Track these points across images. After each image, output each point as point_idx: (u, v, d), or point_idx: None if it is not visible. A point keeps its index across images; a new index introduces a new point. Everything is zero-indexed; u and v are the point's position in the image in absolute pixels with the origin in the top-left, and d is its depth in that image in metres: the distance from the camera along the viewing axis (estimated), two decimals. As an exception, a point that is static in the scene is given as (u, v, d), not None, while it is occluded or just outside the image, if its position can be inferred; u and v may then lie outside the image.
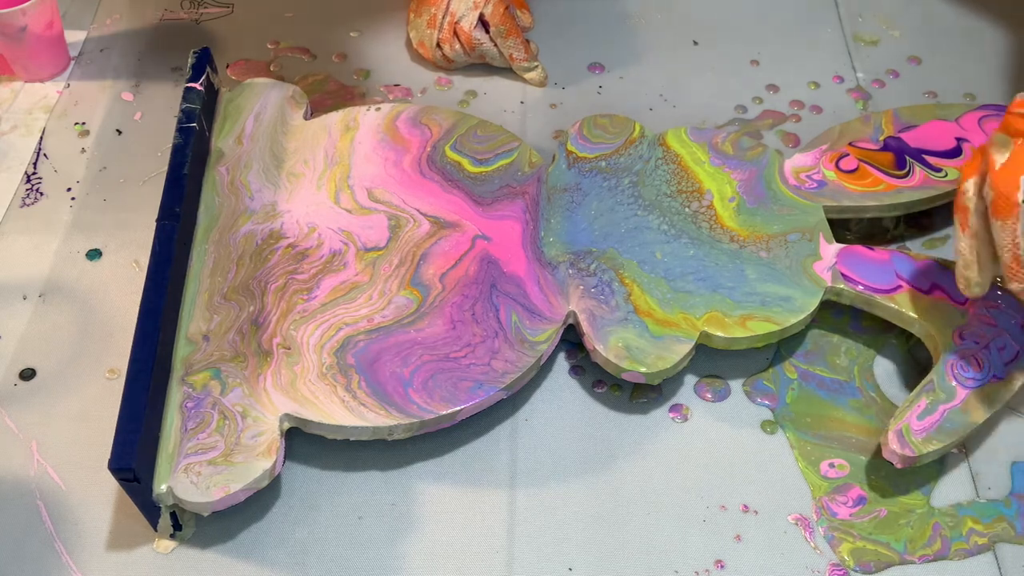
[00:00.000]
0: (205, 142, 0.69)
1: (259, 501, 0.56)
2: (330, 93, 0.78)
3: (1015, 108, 0.52)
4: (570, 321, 0.61)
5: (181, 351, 0.58)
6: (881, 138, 0.69)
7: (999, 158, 0.51)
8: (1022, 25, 0.85)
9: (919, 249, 0.68)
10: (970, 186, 0.53)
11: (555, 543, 0.55)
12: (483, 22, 0.77)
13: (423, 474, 0.58)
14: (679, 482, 0.58)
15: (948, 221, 0.70)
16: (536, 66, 0.79)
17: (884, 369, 0.63)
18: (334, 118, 0.72)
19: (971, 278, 0.54)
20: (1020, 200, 0.50)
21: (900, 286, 0.61)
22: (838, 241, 0.66)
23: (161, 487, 0.52)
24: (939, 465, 0.58)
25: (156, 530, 0.54)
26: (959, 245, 0.54)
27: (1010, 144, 0.51)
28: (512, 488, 0.57)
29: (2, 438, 0.59)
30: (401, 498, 0.57)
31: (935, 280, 0.62)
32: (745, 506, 0.57)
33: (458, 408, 0.56)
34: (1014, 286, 0.52)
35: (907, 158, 0.68)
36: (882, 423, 0.60)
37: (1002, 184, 0.50)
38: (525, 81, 0.80)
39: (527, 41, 0.79)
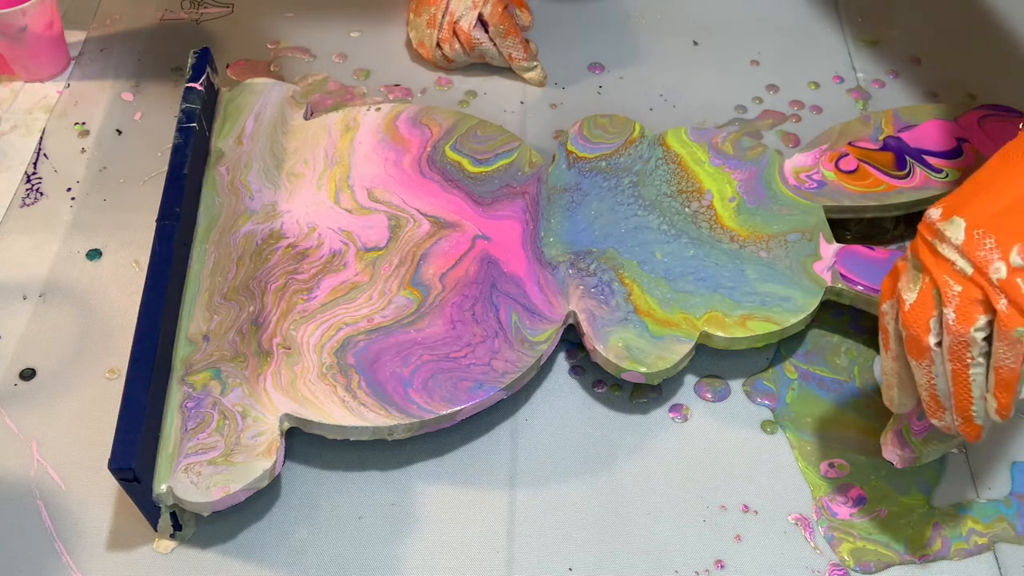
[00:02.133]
0: (205, 142, 0.69)
1: (259, 501, 0.56)
2: (330, 93, 0.78)
3: (922, 230, 0.48)
4: (570, 321, 0.61)
5: (181, 351, 0.58)
6: (881, 138, 0.69)
7: (908, 296, 0.48)
8: (1022, 25, 0.85)
9: (919, 249, 0.68)
10: (888, 308, 0.50)
11: (555, 543, 0.55)
12: (482, 22, 0.77)
13: (423, 474, 0.58)
14: (679, 482, 0.58)
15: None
16: (535, 66, 0.79)
17: (884, 369, 0.63)
18: (334, 118, 0.72)
19: (894, 398, 0.51)
20: (932, 344, 0.47)
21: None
22: (838, 241, 0.66)
23: (161, 487, 0.52)
24: (939, 465, 0.58)
25: (156, 530, 0.54)
26: (883, 365, 0.51)
27: (919, 280, 0.48)
28: (512, 488, 0.57)
29: (2, 438, 0.59)
30: (401, 498, 0.57)
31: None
32: (745, 506, 0.57)
33: (458, 408, 0.56)
34: (935, 422, 0.49)
35: (907, 158, 0.68)
36: (882, 423, 0.59)
37: (912, 326, 0.47)
38: (525, 81, 0.80)
39: (526, 41, 0.79)
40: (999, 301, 0.45)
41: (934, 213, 0.48)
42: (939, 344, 0.47)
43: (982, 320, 0.45)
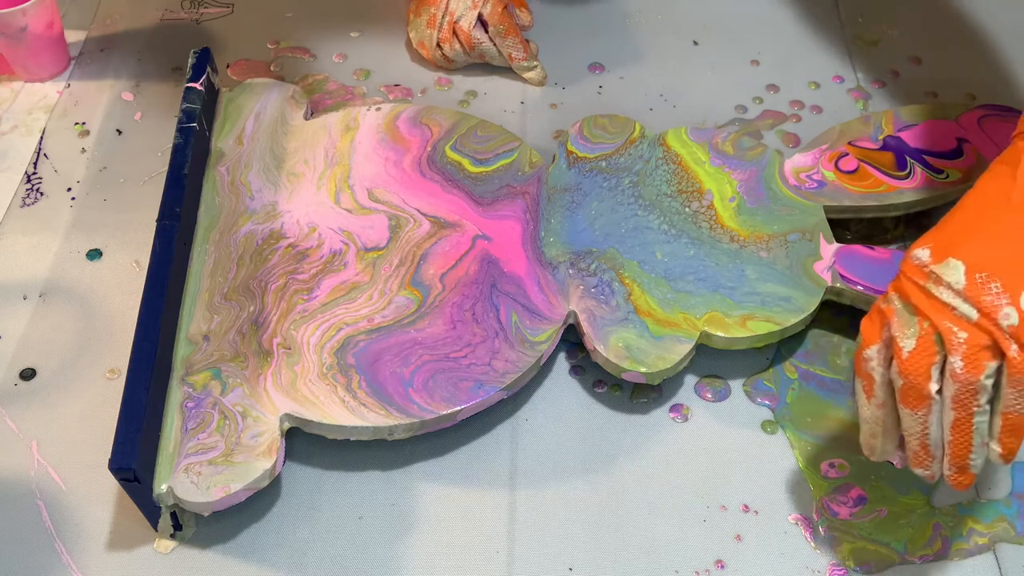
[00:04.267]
0: (205, 142, 0.69)
1: (259, 501, 0.56)
2: (330, 93, 0.78)
3: (910, 273, 0.47)
4: (570, 321, 0.61)
5: (181, 351, 0.58)
6: (881, 137, 0.69)
7: (906, 343, 0.46)
8: (1022, 25, 0.85)
9: (919, 249, 0.68)
10: (873, 354, 0.48)
11: (555, 543, 0.55)
12: (482, 21, 0.77)
13: (423, 474, 0.58)
14: (679, 482, 0.58)
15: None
16: (535, 65, 0.79)
17: (884, 369, 0.63)
18: (334, 118, 0.72)
19: (877, 447, 0.50)
20: (933, 392, 0.46)
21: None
22: (838, 241, 0.66)
23: (161, 487, 0.52)
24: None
25: (156, 530, 0.54)
26: (863, 413, 0.50)
27: (914, 325, 0.46)
28: (512, 488, 0.57)
29: (2, 438, 0.59)
30: (401, 498, 0.57)
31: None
32: (745, 506, 0.57)
33: (458, 408, 0.56)
34: (918, 471, 0.49)
35: (907, 159, 0.68)
36: (882, 423, 0.60)
37: (913, 375, 0.46)
38: (525, 81, 0.80)
39: (526, 40, 0.79)
40: (1011, 347, 0.44)
41: (922, 255, 0.47)
42: (938, 392, 0.46)
43: (992, 367, 0.44)
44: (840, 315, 0.64)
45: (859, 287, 0.61)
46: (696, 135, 0.70)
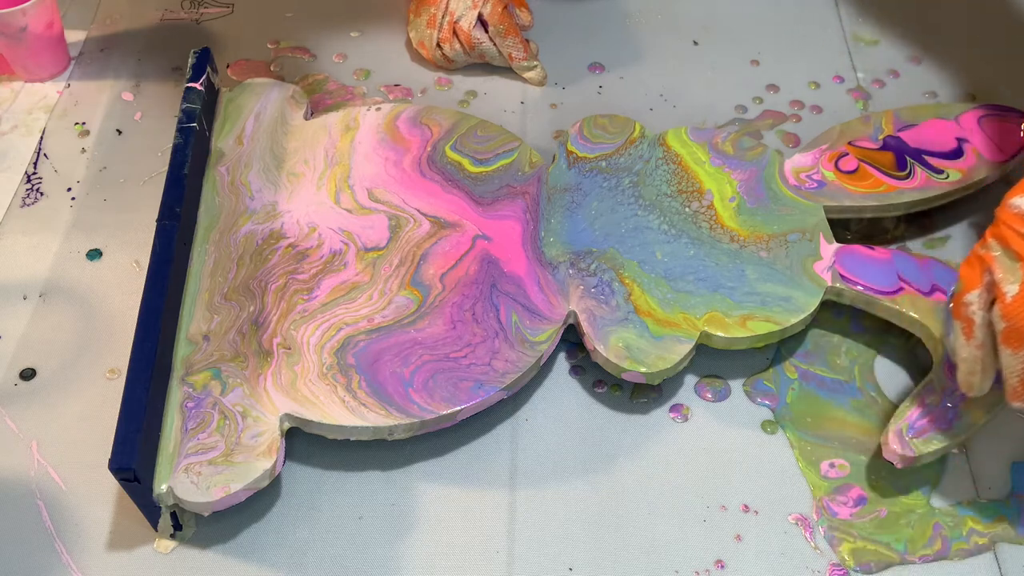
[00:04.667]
0: (205, 142, 0.69)
1: (259, 501, 0.56)
2: (330, 93, 0.78)
3: (1009, 221, 0.49)
4: (570, 321, 0.61)
5: (181, 351, 0.58)
6: (880, 137, 0.69)
7: (1010, 288, 0.48)
8: (1022, 25, 0.85)
9: (919, 249, 0.68)
10: (974, 298, 0.50)
11: (555, 543, 0.55)
12: (482, 21, 0.77)
13: (423, 474, 0.58)
14: (679, 482, 0.58)
15: (948, 221, 0.70)
16: (535, 65, 0.79)
17: (884, 369, 0.63)
18: (334, 118, 0.72)
19: (976, 383, 0.52)
20: None
21: (901, 287, 0.61)
22: (838, 241, 0.66)
23: (161, 487, 0.52)
24: (939, 465, 0.58)
25: (156, 530, 0.54)
26: (963, 353, 0.52)
27: (1017, 271, 0.48)
28: (512, 488, 0.57)
29: (2, 438, 0.59)
30: (401, 498, 0.57)
31: (935, 281, 0.62)
32: (745, 506, 0.57)
33: (458, 408, 0.56)
34: (1016, 405, 0.51)
35: (907, 159, 0.68)
36: (882, 423, 0.60)
37: (1017, 317, 0.48)
38: (525, 81, 0.80)
39: (526, 40, 0.79)
40: None
41: (1021, 203, 0.49)
42: None
43: None
44: (840, 315, 0.65)
45: (859, 287, 0.61)
46: (696, 135, 0.70)
